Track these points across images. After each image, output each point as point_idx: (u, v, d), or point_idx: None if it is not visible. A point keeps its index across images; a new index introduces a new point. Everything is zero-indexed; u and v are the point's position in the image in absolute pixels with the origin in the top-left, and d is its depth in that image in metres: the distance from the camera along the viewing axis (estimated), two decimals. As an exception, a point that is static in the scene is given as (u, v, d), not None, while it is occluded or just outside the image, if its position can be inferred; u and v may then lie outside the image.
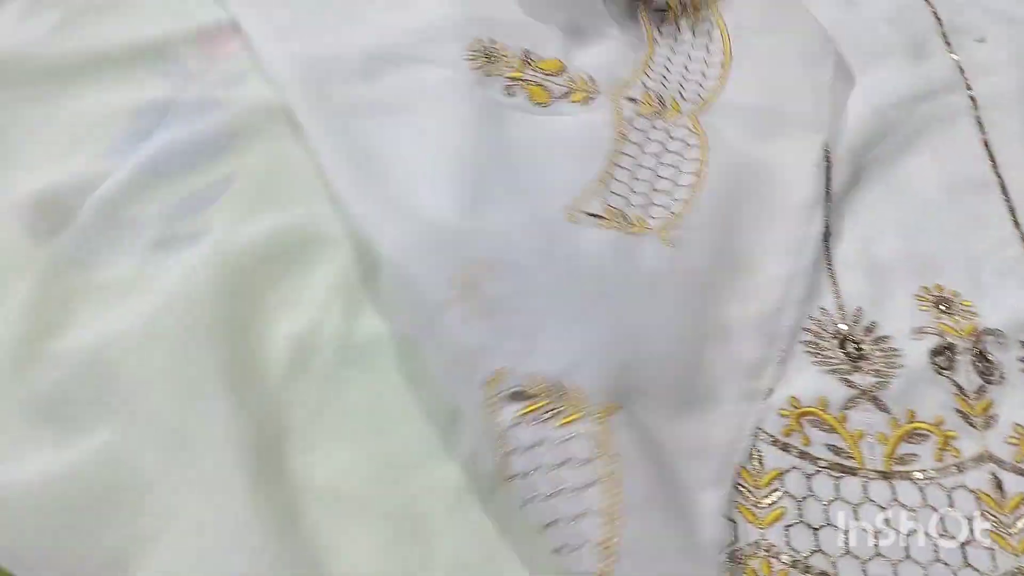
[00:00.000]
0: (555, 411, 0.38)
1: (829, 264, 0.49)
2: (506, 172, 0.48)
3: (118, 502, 0.36)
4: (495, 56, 0.55)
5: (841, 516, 0.39)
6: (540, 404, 0.38)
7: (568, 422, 0.38)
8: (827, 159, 0.53)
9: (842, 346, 0.45)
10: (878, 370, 0.44)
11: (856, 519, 0.39)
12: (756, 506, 0.39)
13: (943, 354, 0.45)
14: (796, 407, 0.43)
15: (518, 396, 0.38)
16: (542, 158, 0.50)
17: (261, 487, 0.36)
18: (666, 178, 0.50)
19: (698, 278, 0.45)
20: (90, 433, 0.37)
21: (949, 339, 0.46)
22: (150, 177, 0.49)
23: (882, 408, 0.43)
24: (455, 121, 0.51)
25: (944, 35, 0.64)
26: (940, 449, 0.42)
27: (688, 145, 0.52)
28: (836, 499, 0.40)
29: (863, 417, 0.43)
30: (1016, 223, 0.53)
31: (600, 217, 0.47)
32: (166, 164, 0.49)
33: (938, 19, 0.65)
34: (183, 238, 0.46)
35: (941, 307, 0.47)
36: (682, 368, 0.42)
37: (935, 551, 0.38)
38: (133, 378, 0.39)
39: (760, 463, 0.41)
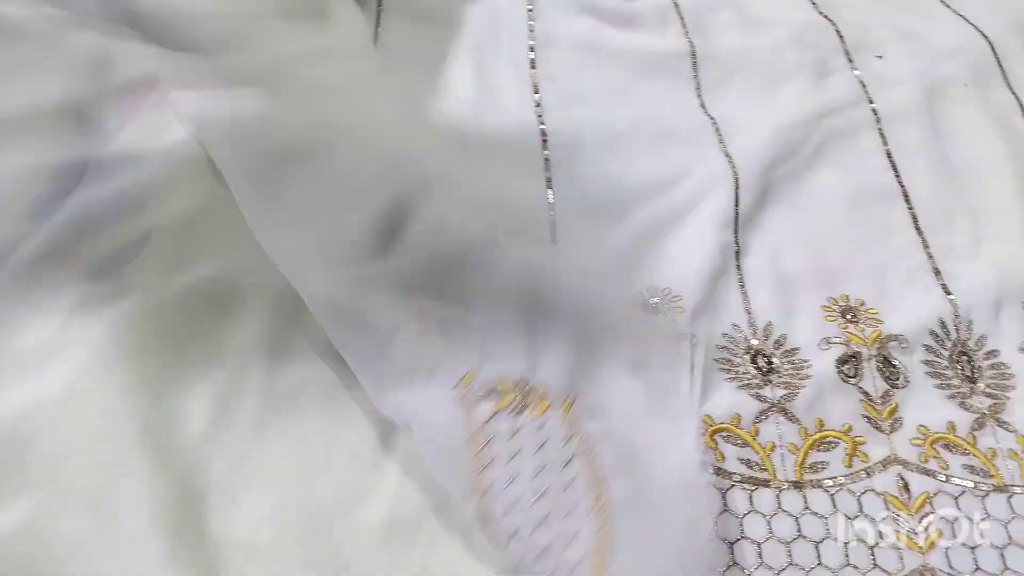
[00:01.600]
0: (525, 405, 0.40)
1: (741, 281, 0.51)
2: None
3: (39, 573, 0.36)
4: None
5: (756, 528, 0.41)
6: (511, 399, 0.40)
7: (540, 412, 0.40)
8: (735, 179, 0.55)
9: (753, 361, 0.47)
10: (787, 382, 0.46)
11: (770, 530, 0.41)
12: (675, 525, 0.41)
13: (849, 362, 0.47)
14: (710, 424, 0.44)
15: (490, 394, 0.40)
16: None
17: (181, 547, 0.36)
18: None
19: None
20: (9, 506, 0.37)
21: (854, 347, 0.48)
22: (70, 238, 0.49)
23: (792, 419, 0.45)
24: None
25: (847, 52, 0.67)
26: (849, 455, 0.44)
27: None
28: (750, 512, 0.41)
29: (774, 429, 0.44)
30: (919, 230, 0.55)
31: None
32: (85, 224, 0.50)
33: (841, 37, 0.68)
34: (103, 298, 0.46)
35: (847, 316, 0.50)
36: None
37: (846, 556, 0.40)
38: (52, 447, 0.39)
39: (678, 482, 0.42)
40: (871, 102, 0.63)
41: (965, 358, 0.48)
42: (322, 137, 0.54)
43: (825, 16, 0.70)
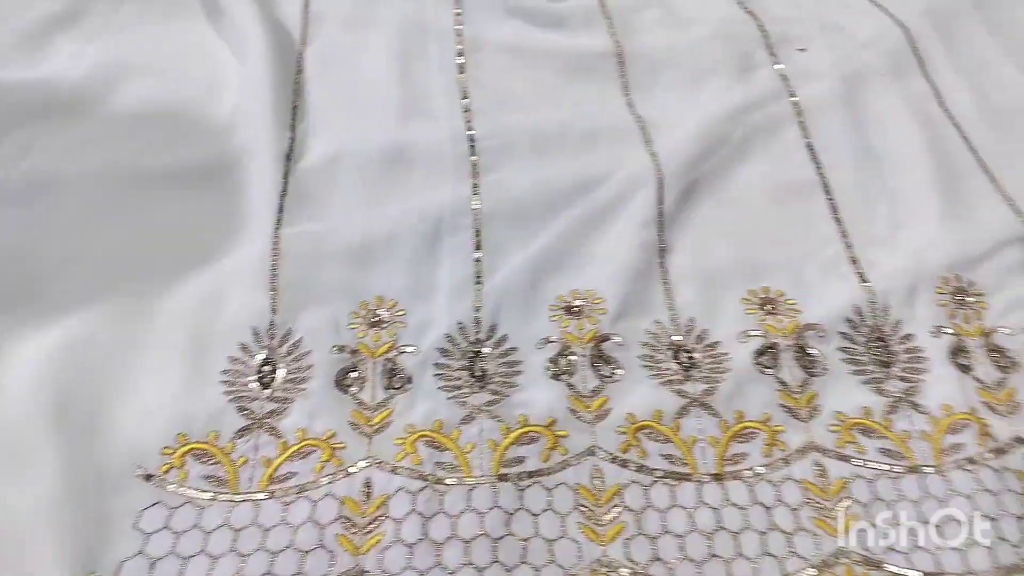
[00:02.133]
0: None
1: (664, 278, 0.52)
2: None
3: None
4: None
5: (678, 523, 0.42)
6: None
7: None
8: (659, 177, 0.56)
9: (676, 357, 0.48)
10: (707, 376, 0.47)
11: (692, 524, 0.42)
12: (597, 524, 0.41)
13: (766, 353, 0.48)
14: (633, 422, 0.45)
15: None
16: None
17: None
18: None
19: None
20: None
21: (772, 339, 0.49)
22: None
23: (712, 413, 0.45)
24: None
25: (770, 47, 0.68)
26: (768, 445, 0.45)
27: None
28: (673, 506, 0.42)
29: (695, 423, 0.45)
30: (838, 220, 0.56)
31: None
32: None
33: (763, 31, 0.69)
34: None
35: (766, 308, 0.51)
36: None
37: (763, 546, 0.41)
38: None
39: (601, 481, 0.43)
40: (792, 95, 0.64)
41: (881, 343, 0.49)
42: None
43: (748, 11, 0.71)
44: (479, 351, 0.47)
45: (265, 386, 0.45)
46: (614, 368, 0.47)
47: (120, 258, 0.49)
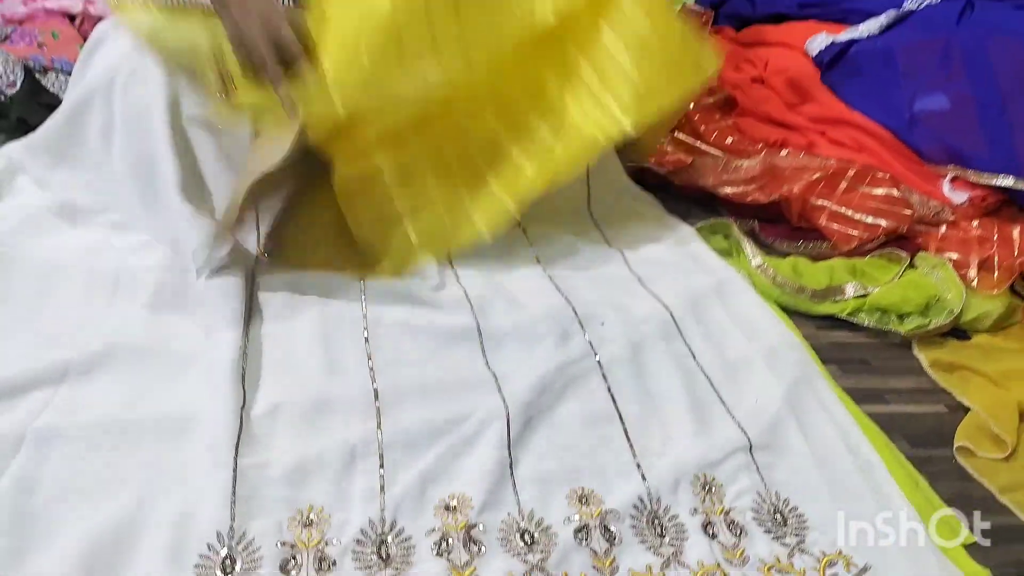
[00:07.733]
0: None
1: (514, 484, 0.75)
2: None
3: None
4: None
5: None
6: None
7: None
8: (507, 413, 0.81)
9: (522, 537, 0.70)
10: (543, 549, 0.69)
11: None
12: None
13: (582, 531, 0.71)
14: (494, 583, 0.65)
15: None
16: None
17: None
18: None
19: None
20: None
21: (585, 521, 0.72)
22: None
23: (546, 574, 0.67)
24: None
25: (580, 322, 1.00)
26: (585, 595, 0.66)
27: None
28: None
29: (535, 582, 0.66)
30: (628, 439, 0.83)
31: None
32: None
33: (575, 312, 1.01)
34: None
35: (582, 501, 0.74)
36: None
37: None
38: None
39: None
40: (596, 355, 0.94)
41: (656, 521, 0.74)
42: None
43: (565, 298, 1.04)
44: (384, 540, 0.67)
45: (227, 574, 0.62)
46: (479, 547, 0.68)
47: (118, 483, 0.66)
